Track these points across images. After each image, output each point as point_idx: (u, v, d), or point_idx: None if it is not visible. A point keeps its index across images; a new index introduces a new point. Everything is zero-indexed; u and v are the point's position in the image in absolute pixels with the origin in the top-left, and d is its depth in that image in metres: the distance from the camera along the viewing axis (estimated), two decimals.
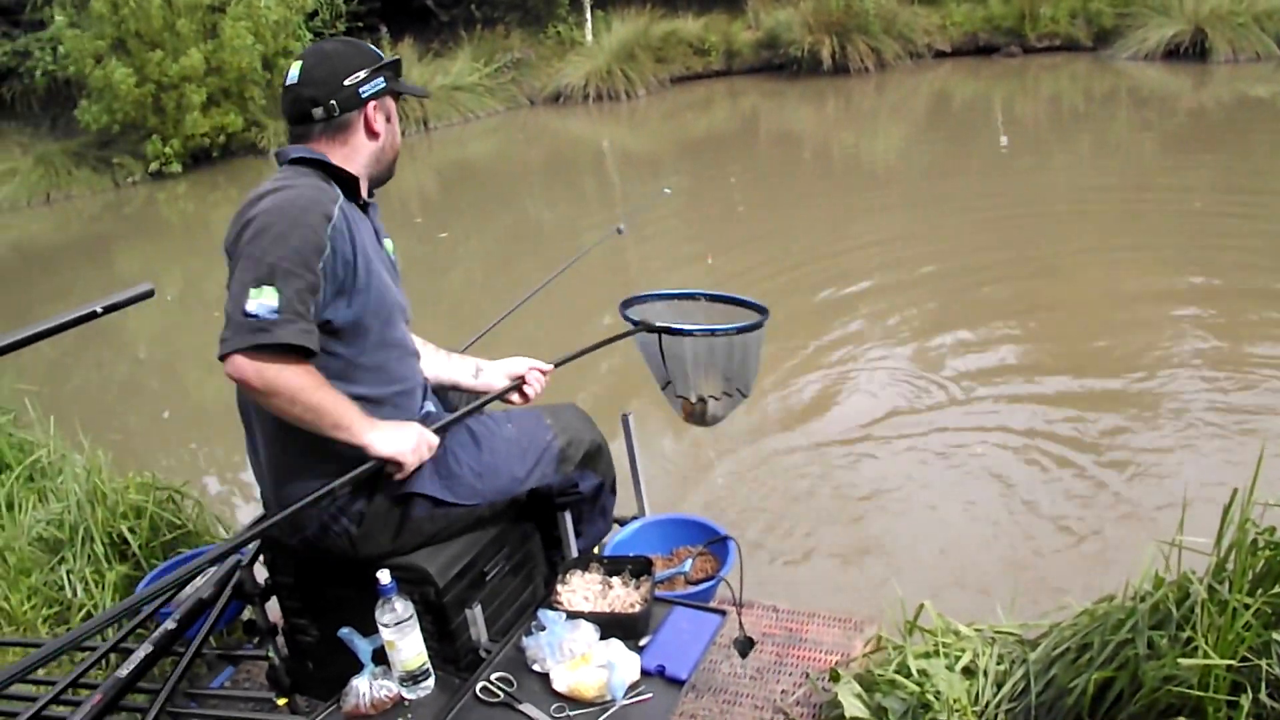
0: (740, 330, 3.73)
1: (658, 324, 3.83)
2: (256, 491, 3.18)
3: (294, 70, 2.92)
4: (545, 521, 3.37)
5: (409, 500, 2.93)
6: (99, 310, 2.78)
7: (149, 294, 2.94)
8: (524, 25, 22.03)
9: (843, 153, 14.81)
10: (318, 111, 2.89)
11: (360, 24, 21.62)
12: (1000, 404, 6.31)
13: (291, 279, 2.60)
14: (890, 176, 13.25)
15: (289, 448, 2.84)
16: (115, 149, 19.51)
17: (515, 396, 3.40)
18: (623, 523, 3.90)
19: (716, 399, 4.02)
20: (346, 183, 2.91)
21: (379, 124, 2.98)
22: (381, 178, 3.09)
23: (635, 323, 3.85)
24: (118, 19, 18.08)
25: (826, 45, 18.34)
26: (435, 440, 2.91)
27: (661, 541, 3.88)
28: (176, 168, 18.94)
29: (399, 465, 2.81)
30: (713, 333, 3.73)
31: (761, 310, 3.89)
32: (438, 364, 3.37)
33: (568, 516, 3.33)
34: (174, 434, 8.26)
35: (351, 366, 2.83)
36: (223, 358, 2.59)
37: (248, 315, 2.56)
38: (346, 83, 2.89)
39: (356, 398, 2.80)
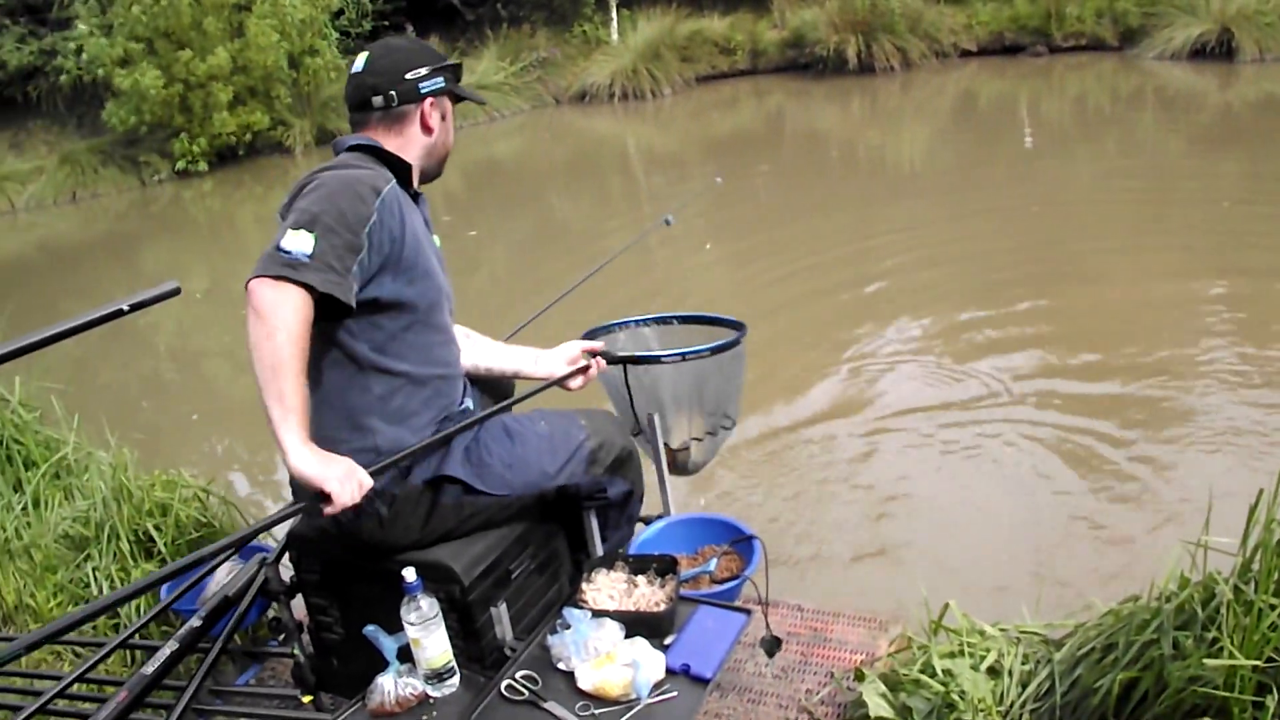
0: (715, 350, 3.67)
1: (620, 354, 3.74)
2: (284, 490, 3.19)
3: (360, 60, 3.07)
4: (571, 521, 3.37)
5: (440, 486, 2.96)
6: (125, 308, 2.78)
7: (175, 292, 2.95)
8: (550, 24, 22.05)
9: (868, 152, 14.78)
10: (377, 100, 3.00)
11: (386, 22, 21.67)
12: (1023, 401, 6.29)
13: (331, 234, 2.65)
14: (915, 175, 13.23)
15: (330, 419, 2.88)
16: (141, 148, 19.59)
17: (575, 381, 3.50)
18: (648, 521, 3.89)
19: (699, 440, 3.97)
20: (399, 169, 2.99)
21: (434, 120, 3.09)
22: (431, 173, 3.19)
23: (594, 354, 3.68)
24: (149, 17, 18.15)
25: (852, 44, 18.28)
26: (369, 482, 2.67)
27: (686, 540, 3.88)
28: (203, 166, 19.03)
29: (327, 499, 2.59)
30: (684, 356, 3.65)
31: (738, 326, 3.84)
32: (496, 354, 3.48)
33: (594, 516, 3.34)
34: (200, 432, 8.29)
35: (395, 341, 2.88)
36: (248, 285, 2.60)
37: (280, 249, 2.60)
38: (408, 76, 3.02)
39: (398, 374, 2.88)
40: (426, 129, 3.09)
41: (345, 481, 2.60)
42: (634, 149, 17.96)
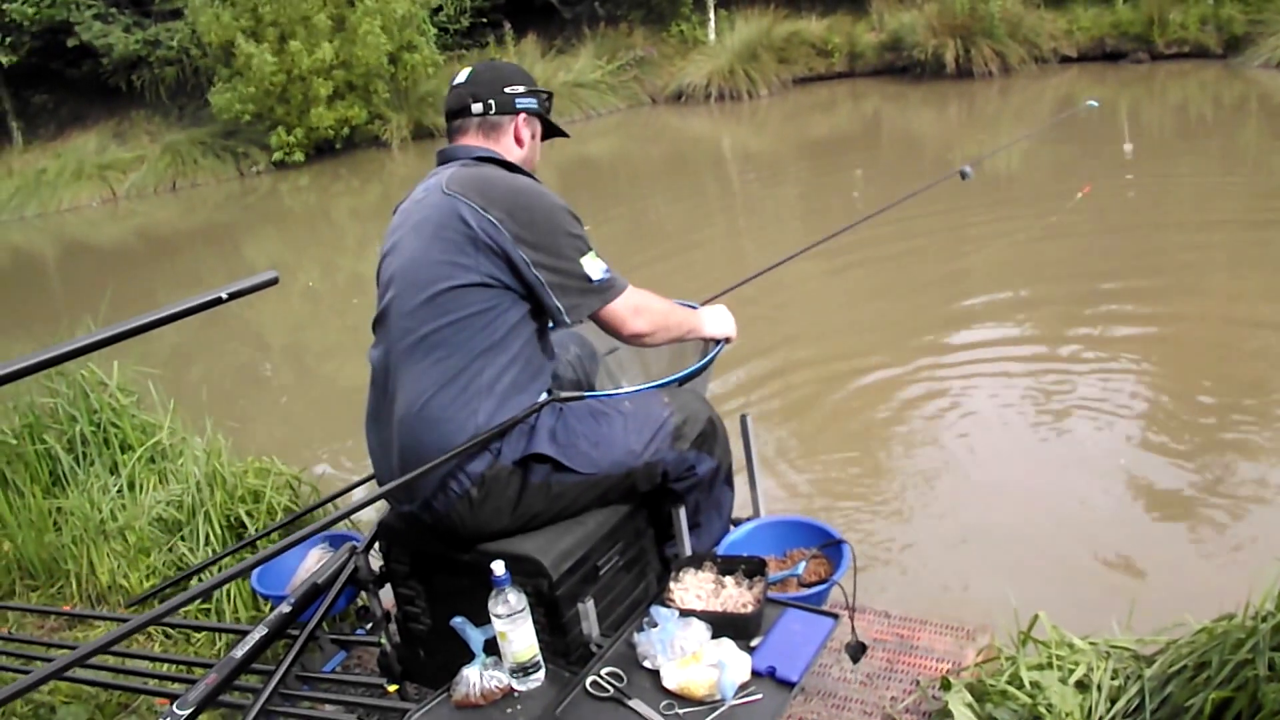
0: (685, 379, 3.54)
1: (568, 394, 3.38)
2: (373, 481, 3.21)
3: (464, 73, 3.36)
4: (659, 518, 3.37)
5: (528, 466, 3.00)
6: (224, 296, 2.81)
7: (273, 281, 2.98)
8: (647, 23, 22.08)
9: (965, 157, 14.65)
10: (476, 106, 3.26)
11: (484, 20, 21.82)
12: (1119, 415, 6.20)
13: (590, 241, 3.10)
14: (1012, 181, 13.10)
15: (432, 401, 2.96)
16: (240, 139, 19.91)
17: None
18: (737, 523, 3.88)
19: None
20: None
21: (525, 135, 3.33)
22: None
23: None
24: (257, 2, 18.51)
25: (950, 48, 18.13)
26: None
27: (775, 543, 3.86)
28: (299, 158, 19.24)
29: (729, 340, 3.60)
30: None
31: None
32: None
33: (682, 513, 3.33)
34: (293, 420, 8.38)
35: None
36: (585, 317, 3.10)
37: (595, 281, 3.07)
38: (506, 90, 3.29)
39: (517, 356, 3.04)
40: (519, 141, 3.32)
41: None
42: (729, 150, 17.94)
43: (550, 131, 3.50)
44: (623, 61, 21.13)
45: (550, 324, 3.16)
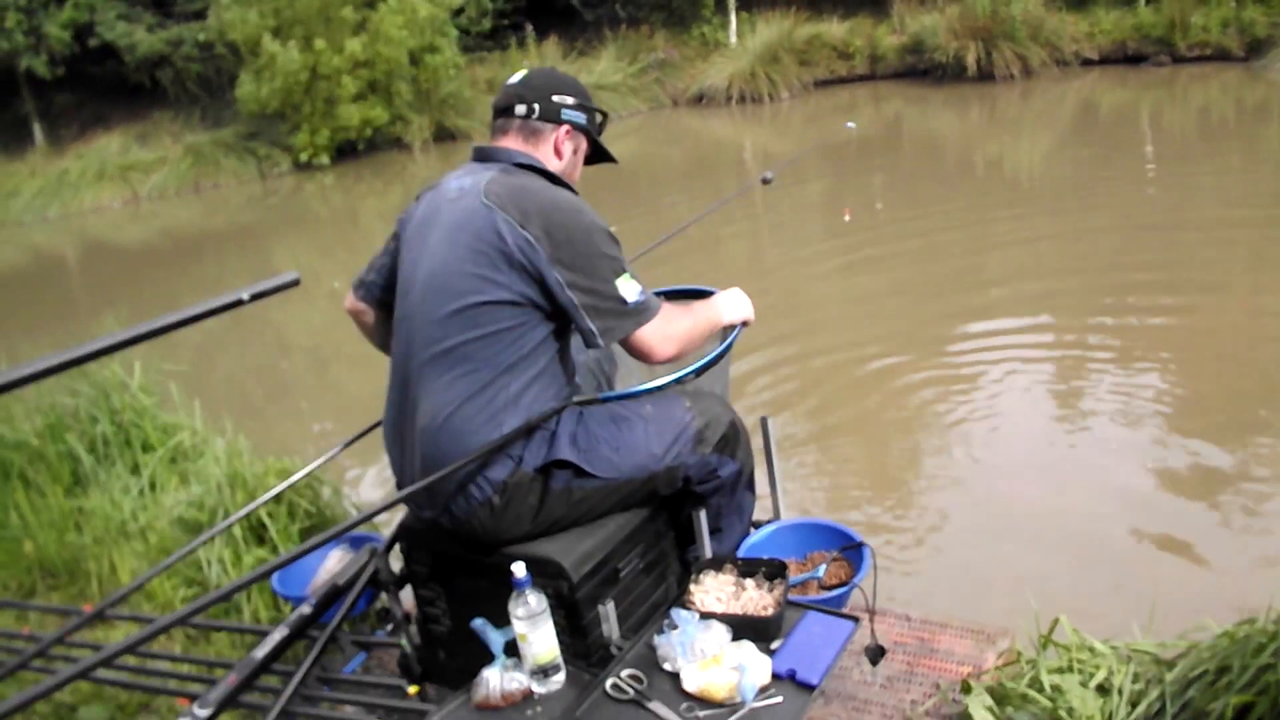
0: (701, 370, 3.46)
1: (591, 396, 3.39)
2: (394, 482, 3.22)
3: (519, 74, 3.32)
4: (679, 521, 3.37)
5: (550, 472, 2.99)
6: (245, 297, 2.81)
7: (295, 282, 2.98)
8: (668, 26, 22.09)
9: (986, 160, 14.63)
10: (520, 108, 3.21)
11: (506, 21, 21.85)
12: (1140, 416, 6.19)
13: (625, 262, 3.07)
14: (1033, 185, 13.07)
15: (456, 413, 2.94)
16: (262, 139, 19.94)
17: None
18: (758, 525, 3.88)
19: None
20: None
21: (565, 149, 3.28)
22: None
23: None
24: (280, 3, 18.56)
25: (972, 51, 18.08)
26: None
27: (796, 545, 3.85)
28: (324, 159, 19.26)
29: (746, 323, 3.51)
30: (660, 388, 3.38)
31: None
32: None
33: (703, 515, 3.33)
34: (313, 422, 8.39)
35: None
36: (618, 340, 3.04)
37: (630, 304, 3.01)
38: (554, 98, 3.24)
39: (543, 370, 3.04)
40: (558, 153, 3.26)
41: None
42: (750, 152, 17.92)
43: (599, 156, 3.47)
44: (644, 64, 21.15)
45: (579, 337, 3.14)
